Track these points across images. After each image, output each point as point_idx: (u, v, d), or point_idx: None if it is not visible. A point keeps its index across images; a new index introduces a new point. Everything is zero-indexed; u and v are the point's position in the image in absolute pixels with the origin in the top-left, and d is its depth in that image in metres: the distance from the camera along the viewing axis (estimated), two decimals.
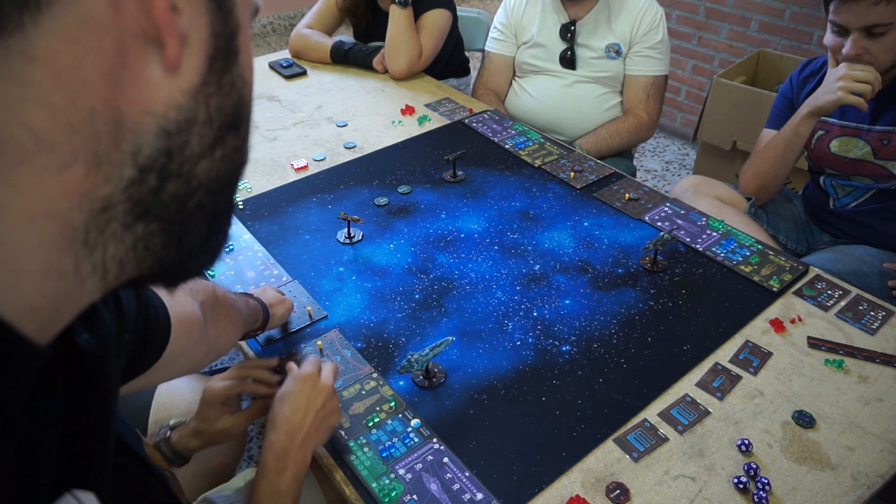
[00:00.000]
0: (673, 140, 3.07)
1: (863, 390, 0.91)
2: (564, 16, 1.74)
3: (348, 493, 0.80)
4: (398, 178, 1.42)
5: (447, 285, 1.12)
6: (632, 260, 1.16)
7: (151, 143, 0.28)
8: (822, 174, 1.49)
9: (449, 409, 0.90)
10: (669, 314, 1.04)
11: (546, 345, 1.00)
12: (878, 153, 1.33)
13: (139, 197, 0.29)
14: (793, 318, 1.03)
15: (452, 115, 1.67)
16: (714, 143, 2.40)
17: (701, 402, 0.90)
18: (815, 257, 1.37)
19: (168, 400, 1.09)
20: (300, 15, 4.36)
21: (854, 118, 1.36)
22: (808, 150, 1.48)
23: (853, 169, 1.38)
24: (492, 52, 1.89)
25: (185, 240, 0.33)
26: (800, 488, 0.79)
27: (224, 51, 0.31)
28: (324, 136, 1.59)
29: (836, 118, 1.39)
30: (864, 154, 1.35)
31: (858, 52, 1.22)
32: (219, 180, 0.33)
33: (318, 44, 1.95)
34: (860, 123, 1.35)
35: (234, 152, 0.33)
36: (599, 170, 1.42)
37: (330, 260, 1.18)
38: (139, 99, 0.27)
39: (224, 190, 0.34)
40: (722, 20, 2.65)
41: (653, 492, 0.79)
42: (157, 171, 0.29)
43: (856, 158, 1.36)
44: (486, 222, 1.27)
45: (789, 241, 1.54)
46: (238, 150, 0.34)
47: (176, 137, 0.29)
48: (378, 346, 1.00)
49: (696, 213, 1.27)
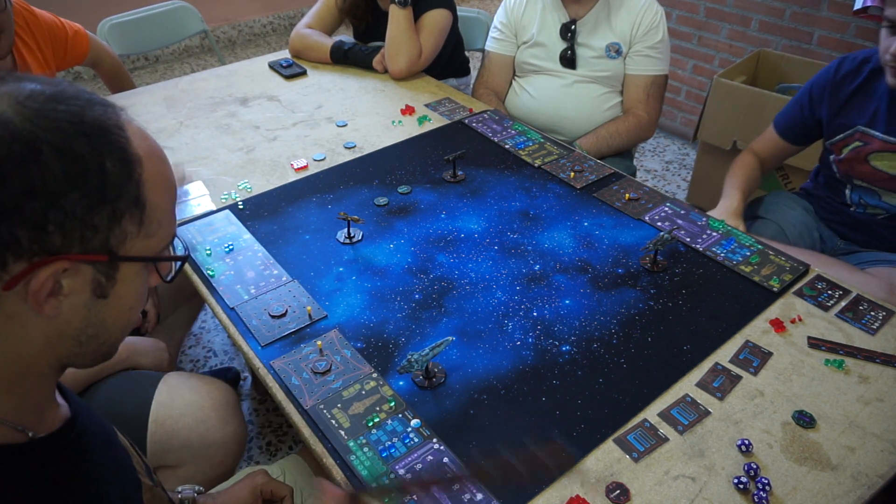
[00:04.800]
0: (673, 140, 3.07)
1: (863, 390, 0.91)
2: (565, 15, 1.74)
3: None
4: (398, 178, 1.42)
5: (447, 285, 1.12)
6: (632, 260, 1.16)
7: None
8: (845, 185, 1.43)
9: (449, 409, 0.90)
10: (669, 314, 1.04)
11: (546, 345, 1.00)
12: None
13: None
14: (793, 318, 1.03)
15: (452, 115, 1.67)
16: (714, 142, 2.40)
17: (701, 402, 0.90)
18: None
19: (168, 399, 1.09)
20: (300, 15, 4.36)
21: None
22: (836, 160, 1.41)
23: (890, 185, 1.33)
24: (492, 52, 1.88)
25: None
26: (800, 488, 0.79)
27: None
28: (324, 136, 1.59)
29: (880, 132, 1.31)
30: None
31: None
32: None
33: (318, 44, 1.95)
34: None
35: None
36: (599, 170, 1.42)
37: (330, 260, 1.18)
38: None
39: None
40: (722, 20, 2.65)
41: (653, 492, 0.79)
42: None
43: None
44: (485, 222, 1.27)
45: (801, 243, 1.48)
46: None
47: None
48: (378, 346, 1.00)
49: (696, 213, 1.27)
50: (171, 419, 1.08)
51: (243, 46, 4.28)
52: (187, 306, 1.59)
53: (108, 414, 1.06)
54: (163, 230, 0.57)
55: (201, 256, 1.19)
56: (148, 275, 0.59)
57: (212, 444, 1.11)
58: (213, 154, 1.53)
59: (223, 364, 1.99)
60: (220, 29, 4.19)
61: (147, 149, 0.55)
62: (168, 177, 0.58)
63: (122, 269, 0.55)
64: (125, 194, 0.52)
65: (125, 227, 0.53)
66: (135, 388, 1.13)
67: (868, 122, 1.33)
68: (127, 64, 3.86)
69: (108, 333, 0.58)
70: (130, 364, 1.18)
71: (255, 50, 4.21)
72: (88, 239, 0.51)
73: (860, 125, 1.34)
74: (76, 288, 0.52)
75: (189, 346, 2.06)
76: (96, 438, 0.63)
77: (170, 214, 0.58)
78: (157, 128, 1.64)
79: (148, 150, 0.55)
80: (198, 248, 1.21)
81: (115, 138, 0.52)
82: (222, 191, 1.39)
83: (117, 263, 0.54)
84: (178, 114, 1.71)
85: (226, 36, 4.24)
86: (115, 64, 1.92)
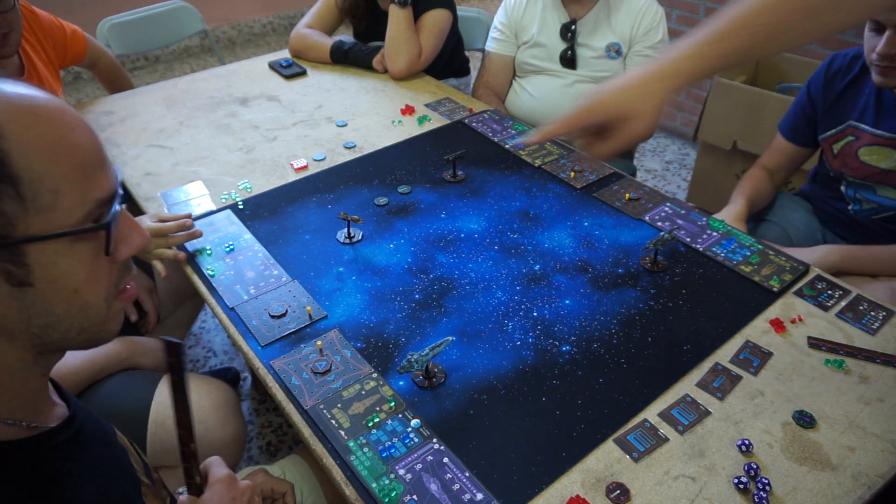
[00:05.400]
0: (673, 140, 3.07)
1: (863, 390, 0.91)
2: (565, 15, 1.74)
3: (348, 493, 0.80)
4: (398, 178, 1.42)
5: (447, 285, 1.12)
6: (632, 260, 1.16)
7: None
8: (840, 182, 1.44)
9: (449, 409, 0.90)
10: (669, 314, 1.04)
11: (546, 345, 1.00)
12: None
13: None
14: (793, 318, 1.03)
15: (452, 115, 1.67)
16: (714, 142, 2.40)
17: (701, 403, 0.90)
18: None
19: (168, 399, 1.09)
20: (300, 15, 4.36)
21: (889, 128, 1.31)
22: (828, 158, 1.43)
23: (882, 179, 1.34)
24: (492, 52, 1.88)
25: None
26: (800, 489, 0.78)
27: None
28: (324, 136, 1.59)
29: (869, 126, 1.33)
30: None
31: (892, 51, 1.18)
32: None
33: (318, 43, 1.95)
34: (895, 134, 1.30)
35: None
36: (599, 170, 1.42)
37: (330, 260, 1.18)
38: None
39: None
40: None
41: (653, 492, 0.79)
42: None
43: (887, 169, 1.32)
44: (486, 222, 1.27)
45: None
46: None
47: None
48: (378, 346, 1.00)
49: (696, 213, 1.27)
50: (171, 419, 1.08)
51: (243, 46, 4.28)
52: (187, 306, 1.60)
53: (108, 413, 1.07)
54: (66, 199, 0.51)
55: (201, 256, 1.19)
56: (91, 250, 0.54)
57: (212, 444, 1.11)
58: (213, 154, 1.53)
59: (223, 364, 1.99)
60: (220, 29, 4.19)
61: (13, 112, 0.49)
62: (58, 137, 0.51)
63: (32, 253, 0.50)
64: None
65: (1, 207, 0.48)
66: (135, 388, 1.13)
67: (858, 116, 1.35)
68: (127, 64, 3.86)
69: (66, 321, 0.54)
70: (130, 364, 1.18)
71: (255, 50, 4.21)
72: None
73: (851, 120, 1.36)
74: None
75: (189, 346, 2.06)
76: (94, 437, 0.63)
77: (73, 181, 0.51)
78: (157, 128, 1.64)
79: (13, 114, 0.49)
80: (198, 248, 1.21)
81: None
82: (222, 191, 1.39)
83: (18, 247, 0.49)
84: (178, 114, 1.71)
85: (226, 36, 4.24)
86: (113, 65, 1.92)
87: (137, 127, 1.65)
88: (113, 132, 1.63)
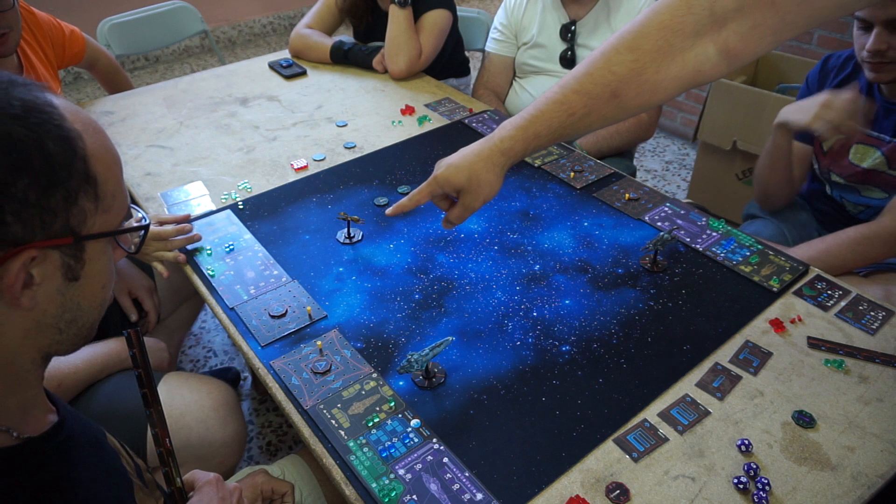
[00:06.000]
0: (673, 140, 3.07)
1: (863, 390, 0.91)
2: (564, 15, 1.74)
3: (348, 493, 0.80)
4: (398, 178, 1.42)
5: (447, 285, 1.12)
6: (632, 260, 1.16)
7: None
8: (827, 183, 1.44)
9: (449, 409, 0.90)
10: (669, 314, 1.04)
11: (546, 345, 1.00)
12: (892, 164, 1.31)
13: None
14: (793, 318, 1.03)
15: (452, 115, 1.67)
16: (714, 143, 2.40)
17: (701, 403, 0.90)
18: None
19: (168, 399, 1.09)
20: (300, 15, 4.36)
21: (876, 128, 1.31)
22: (818, 155, 1.44)
23: (864, 179, 1.35)
24: (492, 53, 1.89)
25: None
26: (800, 489, 0.79)
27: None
28: (324, 136, 1.59)
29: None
30: (878, 164, 1.32)
31: (881, 46, 1.20)
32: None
33: (318, 44, 1.95)
34: (882, 134, 1.32)
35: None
36: (599, 170, 1.42)
37: (330, 260, 1.18)
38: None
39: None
40: None
41: (653, 492, 0.79)
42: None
43: (868, 168, 1.33)
44: (486, 222, 1.27)
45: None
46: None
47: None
48: (378, 346, 1.00)
49: (696, 213, 1.27)
50: (171, 419, 1.08)
51: (243, 46, 4.28)
52: (187, 306, 1.59)
53: (107, 414, 1.08)
54: (118, 202, 0.57)
55: (201, 256, 1.19)
56: (112, 250, 0.59)
57: (212, 444, 1.11)
58: (213, 154, 1.53)
59: (223, 364, 1.99)
60: (220, 29, 4.19)
61: (83, 122, 0.55)
62: (110, 148, 0.57)
63: (89, 249, 0.55)
64: (74, 172, 0.52)
65: (82, 205, 0.53)
66: (134, 388, 1.12)
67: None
68: (127, 64, 3.86)
69: (85, 316, 0.58)
70: (130, 364, 1.18)
71: (255, 50, 4.22)
72: (49, 224, 0.51)
73: None
74: (48, 275, 0.52)
75: (189, 346, 2.06)
76: (84, 442, 0.63)
77: (120, 185, 0.58)
78: (157, 128, 1.64)
79: (84, 124, 0.55)
80: (198, 247, 1.21)
81: (49, 117, 0.51)
82: (222, 191, 1.39)
83: (83, 243, 0.54)
84: (178, 114, 1.71)
85: (226, 36, 4.24)
86: (112, 65, 1.92)
87: (137, 127, 1.65)
88: (113, 132, 1.63)
